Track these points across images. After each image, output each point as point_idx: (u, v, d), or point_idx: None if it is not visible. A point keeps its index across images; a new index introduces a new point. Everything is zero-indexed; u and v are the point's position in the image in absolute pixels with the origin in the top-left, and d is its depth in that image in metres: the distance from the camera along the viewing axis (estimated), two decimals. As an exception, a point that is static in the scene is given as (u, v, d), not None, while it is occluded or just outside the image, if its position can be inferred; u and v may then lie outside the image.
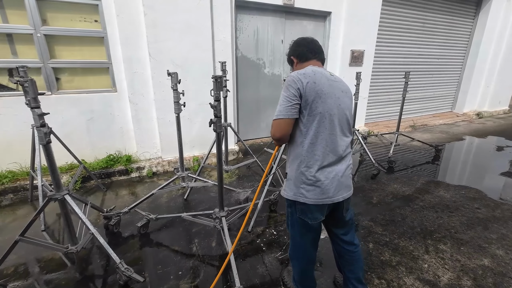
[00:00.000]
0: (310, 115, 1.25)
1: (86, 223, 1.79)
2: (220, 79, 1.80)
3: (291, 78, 1.28)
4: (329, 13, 4.68)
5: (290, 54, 1.53)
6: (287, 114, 1.25)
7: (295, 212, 1.39)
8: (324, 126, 1.26)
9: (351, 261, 1.53)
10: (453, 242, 2.27)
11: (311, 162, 1.29)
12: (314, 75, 1.27)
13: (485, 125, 6.66)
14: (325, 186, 1.29)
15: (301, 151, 1.30)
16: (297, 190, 1.33)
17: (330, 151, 1.29)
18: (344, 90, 1.35)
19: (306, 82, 1.24)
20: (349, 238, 1.52)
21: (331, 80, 1.32)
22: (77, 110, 3.32)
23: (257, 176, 3.62)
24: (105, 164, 3.46)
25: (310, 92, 1.23)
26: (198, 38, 3.55)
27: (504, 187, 3.35)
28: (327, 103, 1.26)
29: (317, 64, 1.43)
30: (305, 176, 1.30)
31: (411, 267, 1.99)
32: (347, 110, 1.34)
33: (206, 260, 2.08)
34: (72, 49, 3.25)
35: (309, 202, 1.31)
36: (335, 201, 1.32)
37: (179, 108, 2.63)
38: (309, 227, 1.39)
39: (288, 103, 1.25)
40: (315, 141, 1.27)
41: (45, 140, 1.63)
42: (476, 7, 6.85)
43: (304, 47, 1.46)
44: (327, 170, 1.29)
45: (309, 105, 1.24)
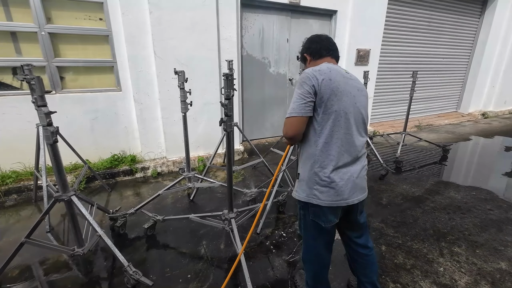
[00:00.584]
0: (325, 113, 1.20)
1: (93, 224, 1.74)
2: (231, 76, 1.75)
3: (305, 75, 1.23)
4: (335, 11, 4.63)
5: (303, 51, 1.48)
6: (300, 112, 1.20)
7: (308, 214, 1.34)
8: (339, 125, 1.21)
9: (365, 264, 1.48)
10: (467, 244, 2.21)
11: (325, 162, 1.24)
12: (329, 72, 1.22)
13: (491, 125, 6.59)
14: (340, 187, 1.24)
15: (315, 150, 1.25)
16: (310, 191, 1.28)
17: (345, 151, 1.24)
18: (360, 88, 1.30)
19: (321, 79, 1.19)
20: (363, 241, 1.47)
21: (347, 77, 1.27)
22: (82, 109, 3.27)
23: (263, 176, 3.57)
24: (109, 164, 3.41)
25: (325, 89, 1.18)
26: (204, 37, 3.50)
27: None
28: (342, 101, 1.21)
29: (331, 62, 1.38)
30: (319, 177, 1.25)
31: (427, 271, 1.93)
32: (363, 109, 1.29)
33: (215, 262, 2.03)
34: (77, 47, 3.21)
35: (322, 204, 1.26)
36: (349, 203, 1.27)
37: (185, 107, 2.58)
38: (323, 230, 1.34)
39: (302, 100, 1.20)
40: (330, 141, 1.22)
41: (52, 139, 1.58)
42: (482, 5, 6.78)
43: (318, 44, 1.40)
44: (342, 171, 1.24)
45: (324, 103, 1.19)
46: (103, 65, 3.34)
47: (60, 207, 2.22)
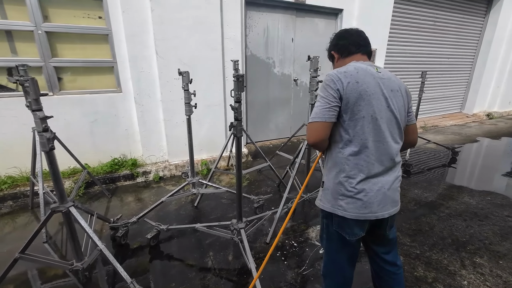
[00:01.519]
0: (351, 119, 1.10)
1: (94, 238, 1.61)
2: (242, 78, 1.62)
3: (329, 77, 1.12)
4: (341, 10, 4.52)
5: (331, 48, 1.35)
6: (324, 117, 1.10)
7: (332, 225, 1.23)
8: (368, 132, 1.10)
9: (392, 283, 1.35)
10: (489, 255, 2.09)
11: (352, 172, 1.13)
12: (357, 73, 1.11)
13: (497, 126, 6.49)
14: (368, 199, 1.13)
15: (341, 159, 1.15)
16: (335, 201, 1.18)
17: (376, 160, 1.12)
18: (394, 88, 1.16)
19: (347, 82, 1.08)
20: (392, 258, 1.34)
21: (378, 77, 1.13)
22: (80, 111, 3.14)
23: (269, 181, 3.45)
24: (109, 168, 3.28)
25: (351, 93, 1.08)
26: (207, 36, 3.37)
27: (531, 193, 3.18)
28: (372, 105, 1.09)
29: (361, 59, 1.24)
30: (345, 187, 1.14)
31: (450, 285, 1.81)
32: (398, 111, 1.15)
33: (224, 275, 1.90)
34: (75, 47, 3.07)
35: (348, 216, 1.15)
36: (378, 217, 1.15)
37: (190, 110, 2.45)
38: (346, 243, 1.23)
39: (325, 104, 1.10)
40: (358, 149, 1.11)
41: (48, 146, 1.45)
42: (487, 5, 6.68)
43: (346, 40, 1.27)
44: (372, 181, 1.13)
45: (350, 108, 1.09)
46: (103, 65, 3.20)
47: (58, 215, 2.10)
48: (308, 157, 2.57)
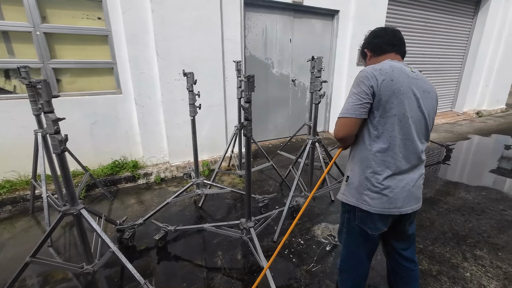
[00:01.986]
0: (382, 116, 1.11)
1: (106, 240, 1.60)
2: (252, 78, 1.64)
3: (364, 74, 1.13)
4: (337, 11, 4.59)
5: (364, 46, 1.34)
6: (354, 113, 1.12)
7: (354, 219, 1.26)
8: (398, 130, 1.12)
9: (408, 280, 1.39)
10: (489, 247, 2.18)
11: (379, 168, 1.15)
12: (392, 71, 1.11)
13: (487, 124, 6.70)
14: (394, 195, 1.16)
15: (368, 155, 1.17)
16: (359, 196, 1.21)
17: (403, 157, 1.15)
18: (426, 89, 1.17)
19: (381, 80, 1.09)
20: (410, 254, 1.38)
21: (412, 77, 1.14)
22: (80, 113, 3.10)
23: (271, 180, 3.48)
24: (110, 170, 3.25)
25: (385, 91, 1.09)
26: (208, 37, 3.38)
27: (523, 187, 3.31)
28: (404, 104, 1.10)
29: (396, 58, 1.24)
30: (371, 183, 1.17)
31: (454, 277, 1.88)
32: (427, 113, 1.17)
33: (235, 275, 1.91)
34: (74, 48, 3.03)
35: (372, 211, 1.18)
36: (402, 213, 1.18)
37: (194, 111, 2.45)
38: (368, 237, 1.26)
39: (357, 101, 1.11)
40: (386, 146, 1.13)
41: (60, 148, 1.44)
42: (475, 6, 6.90)
43: (382, 38, 1.26)
44: (398, 178, 1.16)
45: (382, 106, 1.10)
46: (102, 66, 3.17)
47: (55, 217, 2.07)
48: (312, 157, 2.61)
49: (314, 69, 2.39)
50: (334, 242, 2.25)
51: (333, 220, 2.56)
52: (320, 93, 2.36)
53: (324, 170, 2.93)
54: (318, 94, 2.36)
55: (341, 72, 4.98)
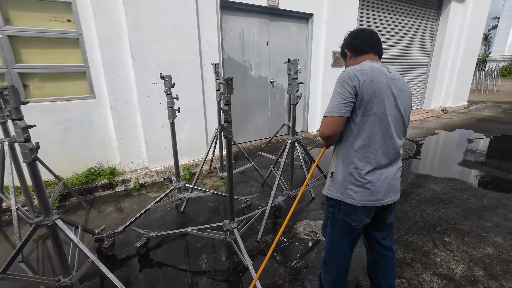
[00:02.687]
0: (364, 115, 1.18)
1: (84, 250, 1.55)
2: (231, 81, 1.67)
3: (347, 74, 1.19)
4: (311, 15, 4.74)
5: (344, 46, 1.40)
6: (340, 112, 1.17)
7: (339, 213, 1.32)
8: (378, 127, 1.19)
9: (387, 267, 1.48)
10: (456, 234, 2.36)
11: (361, 164, 1.22)
12: (372, 72, 1.18)
13: (452, 120, 7.21)
14: (375, 188, 1.23)
15: (350, 151, 1.24)
16: (344, 190, 1.27)
17: (383, 153, 1.23)
18: (403, 89, 1.25)
19: (363, 80, 1.15)
20: (388, 243, 1.47)
21: (390, 77, 1.22)
22: (50, 120, 2.95)
23: (253, 181, 3.51)
24: (85, 179, 3.11)
25: (366, 90, 1.15)
26: (185, 40, 3.36)
27: (484, 176, 3.60)
28: (384, 102, 1.18)
29: (374, 59, 1.31)
30: (354, 177, 1.24)
31: (426, 263, 2.01)
32: (404, 110, 1.25)
33: (219, 276, 1.92)
34: (42, 52, 2.89)
35: (356, 204, 1.25)
36: (383, 204, 1.27)
37: (173, 114, 2.43)
38: (352, 229, 1.33)
39: (342, 100, 1.17)
40: (367, 143, 1.21)
41: (31, 157, 1.38)
42: (437, 11, 7.42)
43: (361, 39, 1.32)
44: (378, 172, 1.23)
45: (364, 105, 1.17)
46: (74, 70, 3.04)
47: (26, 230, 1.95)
48: (292, 156, 2.67)
49: (291, 71, 2.46)
50: (316, 238, 2.32)
51: (314, 217, 2.64)
52: (298, 94, 2.43)
53: (304, 168, 3.01)
54: (295, 95, 2.43)
55: (317, 74, 5.14)
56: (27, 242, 1.50)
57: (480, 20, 8.05)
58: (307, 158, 3.52)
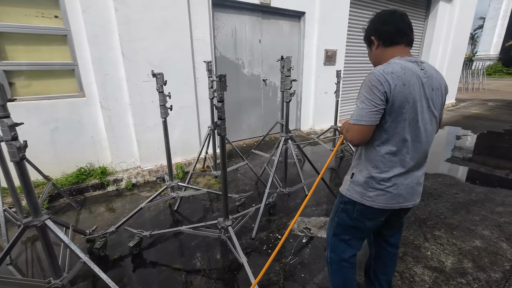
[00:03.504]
0: (393, 121, 1.09)
1: (75, 250, 1.52)
2: (224, 78, 1.66)
3: (376, 78, 1.06)
4: (303, 13, 4.75)
5: (371, 33, 1.22)
6: (370, 121, 1.08)
7: (353, 212, 1.27)
8: (408, 133, 1.11)
9: (389, 263, 1.47)
10: (445, 227, 2.41)
11: (386, 168, 1.16)
12: (404, 74, 1.06)
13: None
14: (398, 191, 1.18)
15: (376, 156, 1.16)
16: (364, 192, 1.21)
17: (411, 158, 1.15)
18: (435, 86, 1.14)
19: (394, 85, 1.04)
20: (395, 240, 1.44)
21: (422, 76, 1.10)
22: (38, 119, 2.87)
23: (247, 179, 3.51)
24: (75, 179, 3.05)
25: (398, 96, 1.05)
26: (176, 37, 3.32)
27: (472, 172, 3.70)
28: (415, 107, 1.08)
29: (405, 52, 1.17)
30: (376, 181, 1.17)
31: (417, 256, 2.06)
32: (436, 109, 1.16)
33: (214, 275, 1.91)
34: (28, 49, 2.80)
35: (375, 206, 1.20)
36: (403, 207, 1.22)
37: (166, 112, 2.40)
38: (363, 228, 1.29)
39: (372, 107, 1.07)
40: (396, 149, 1.13)
41: (19, 156, 1.34)
42: (426, 10, 7.55)
43: (391, 25, 1.15)
44: (403, 177, 1.17)
45: (395, 111, 1.07)
46: (62, 68, 2.97)
47: (13, 232, 1.90)
48: (285, 154, 2.68)
49: (284, 68, 2.46)
50: (310, 235, 2.34)
51: (308, 213, 2.66)
52: (291, 91, 2.44)
53: (298, 166, 3.03)
54: (288, 93, 2.43)
55: (309, 71, 5.17)
56: (16, 244, 1.46)
57: (467, 20, 8.25)
58: (300, 155, 3.54)
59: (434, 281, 1.83)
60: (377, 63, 1.21)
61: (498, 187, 3.19)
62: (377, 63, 1.22)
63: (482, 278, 1.85)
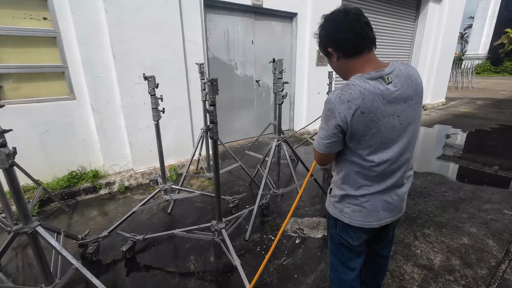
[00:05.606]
0: (358, 148, 1.02)
1: (67, 256, 1.51)
2: (216, 82, 1.67)
3: (331, 107, 0.97)
4: (295, 14, 4.78)
5: (326, 43, 1.04)
6: (326, 150, 1.06)
7: (335, 227, 1.22)
8: (379, 154, 1.02)
9: (377, 271, 1.45)
10: (434, 226, 2.47)
11: (361, 183, 1.09)
12: (362, 100, 0.93)
13: (431, 116, 7.50)
14: (374, 208, 1.10)
15: (350, 173, 1.09)
16: (342, 208, 1.15)
17: (385, 176, 1.07)
18: (409, 96, 0.98)
19: (351, 115, 0.94)
20: (386, 253, 1.38)
21: (388, 95, 0.95)
22: (27, 122, 2.82)
23: (240, 180, 3.52)
24: (67, 182, 3.01)
25: (356, 125, 0.95)
26: (168, 38, 3.31)
27: (461, 170, 3.79)
28: (381, 132, 0.97)
29: (370, 62, 1.00)
30: (352, 197, 1.11)
31: (407, 255, 2.10)
32: (413, 121, 1.01)
33: (208, 277, 1.92)
34: (16, 51, 2.75)
35: (353, 224, 1.13)
36: (382, 224, 1.14)
37: (158, 115, 2.39)
38: (351, 246, 1.20)
39: (327, 139, 1.02)
40: (369, 165, 1.04)
41: (8, 162, 1.32)
42: (416, 10, 7.67)
43: (349, 32, 0.96)
44: (380, 193, 1.09)
45: (356, 139, 1.00)
46: (52, 70, 2.92)
47: (3, 239, 1.88)
48: (278, 155, 2.70)
49: (276, 70, 2.48)
50: (303, 235, 2.36)
51: (301, 214, 2.69)
52: (283, 93, 2.46)
53: (291, 167, 3.05)
54: (280, 95, 2.45)
55: (302, 72, 5.20)
56: (6, 251, 1.44)
57: (456, 20, 8.41)
58: (294, 156, 3.57)
59: (423, 279, 1.87)
60: (345, 74, 1.07)
61: (486, 185, 3.28)
62: (344, 74, 1.08)
63: (469, 275, 1.90)
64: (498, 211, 2.69)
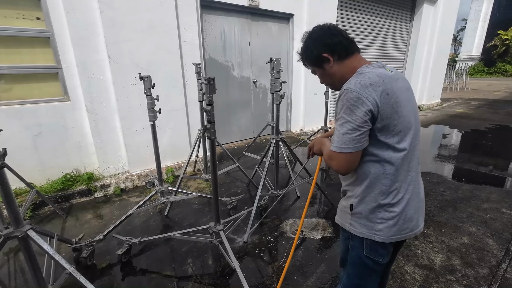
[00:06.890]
0: (387, 137, 0.95)
1: (60, 261, 1.46)
2: (213, 80, 1.64)
3: (355, 95, 0.90)
4: (292, 15, 4.78)
5: (319, 50, 1.03)
6: (355, 147, 0.92)
7: (361, 249, 1.06)
8: (405, 144, 0.98)
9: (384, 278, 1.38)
10: (434, 225, 2.46)
11: (391, 189, 0.99)
12: (383, 82, 0.91)
13: (427, 117, 7.55)
14: (410, 216, 1.01)
15: (378, 176, 0.98)
16: (372, 225, 1.01)
17: (413, 170, 1.03)
18: (408, 87, 1.02)
19: (378, 98, 0.89)
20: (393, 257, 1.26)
21: (396, 79, 0.97)
22: (20, 124, 2.76)
23: (238, 182, 3.48)
24: (61, 185, 2.95)
25: (384, 109, 0.90)
26: (164, 39, 3.27)
27: (458, 170, 3.80)
28: (404, 115, 0.94)
29: (363, 60, 1.05)
30: (385, 209, 0.99)
31: (407, 255, 2.08)
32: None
33: (206, 280, 1.88)
34: (8, 51, 2.70)
35: (388, 241, 1.00)
36: (416, 233, 1.05)
37: (154, 116, 2.35)
38: (377, 265, 1.07)
39: (355, 131, 0.90)
40: (398, 162, 0.97)
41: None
42: (411, 12, 7.74)
43: (340, 35, 1.02)
44: (408, 194, 1.01)
45: (385, 127, 0.93)
46: (45, 71, 2.87)
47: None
48: (276, 156, 2.68)
49: (273, 70, 2.46)
50: (302, 237, 2.33)
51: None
52: (280, 93, 2.44)
53: (289, 167, 3.03)
54: (278, 95, 2.43)
55: (299, 73, 5.20)
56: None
57: (450, 21, 8.51)
58: (292, 157, 3.55)
59: (424, 279, 1.85)
60: (342, 77, 1.04)
61: (483, 184, 3.29)
62: (341, 77, 1.04)
63: (470, 275, 1.89)
64: (497, 210, 2.69)
